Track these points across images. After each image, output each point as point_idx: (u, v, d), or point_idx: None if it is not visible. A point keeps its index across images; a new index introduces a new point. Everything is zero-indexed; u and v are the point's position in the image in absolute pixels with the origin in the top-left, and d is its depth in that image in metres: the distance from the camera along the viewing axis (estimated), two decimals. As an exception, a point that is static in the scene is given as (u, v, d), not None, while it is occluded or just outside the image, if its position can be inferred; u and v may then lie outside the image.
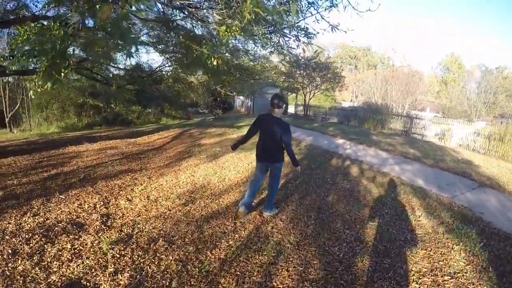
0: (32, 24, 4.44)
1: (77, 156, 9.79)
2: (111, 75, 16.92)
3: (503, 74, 50.76)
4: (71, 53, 5.50)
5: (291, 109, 35.06)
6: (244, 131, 14.63)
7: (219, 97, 28.00)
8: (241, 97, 36.67)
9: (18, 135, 18.14)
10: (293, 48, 7.33)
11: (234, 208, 5.42)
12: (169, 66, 13.56)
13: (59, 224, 4.71)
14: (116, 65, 16.16)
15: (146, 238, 4.38)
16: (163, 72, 15.19)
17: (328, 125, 20.51)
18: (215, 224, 4.87)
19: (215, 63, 5.28)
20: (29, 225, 4.67)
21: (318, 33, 6.73)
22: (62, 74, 4.36)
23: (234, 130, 15.93)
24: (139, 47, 15.12)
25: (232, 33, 4.75)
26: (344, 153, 10.39)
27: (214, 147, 11.30)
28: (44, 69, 4.22)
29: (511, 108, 42.91)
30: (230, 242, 4.33)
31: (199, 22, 7.24)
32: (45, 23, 5.36)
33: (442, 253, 4.27)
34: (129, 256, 3.91)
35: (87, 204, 5.56)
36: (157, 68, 14.73)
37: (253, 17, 4.14)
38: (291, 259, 3.97)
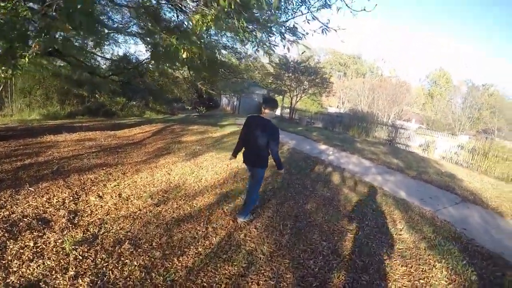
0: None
1: (54, 146, 9.41)
2: (97, 64, 16.63)
3: (489, 91, 51.70)
4: (34, 36, 5.12)
5: (277, 112, 34.77)
6: (227, 130, 14.78)
7: (205, 95, 27.49)
8: (227, 96, 36.46)
9: (-1, 120, 17.54)
10: (276, 45, 6.97)
11: (207, 212, 5.18)
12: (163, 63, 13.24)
13: (25, 219, 4.41)
14: (101, 55, 15.85)
15: (112, 240, 4.11)
16: (150, 65, 14.74)
17: (312, 129, 20.35)
18: (185, 228, 4.61)
19: (184, 55, 4.95)
20: (-7, 219, 4.39)
21: (307, 33, 6.48)
22: (23, 60, 3.98)
23: (216, 128, 15.56)
24: (127, 37, 14.91)
25: (207, 23, 4.42)
26: (327, 160, 10.16)
27: (194, 145, 11.01)
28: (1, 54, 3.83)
29: (494, 124, 43.91)
30: (200, 249, 4.07)
31: (180, 12, 6.91)
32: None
33: (424, 270, 4.06)
34: (92, 259, 3.64)
35: (56, 199, 5.22)
36: (144, 60, 14.35)
37: (229, 4, 3.82)
38: (262, 271, 3.71)
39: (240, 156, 5.08)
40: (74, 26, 4.42)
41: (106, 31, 12.57)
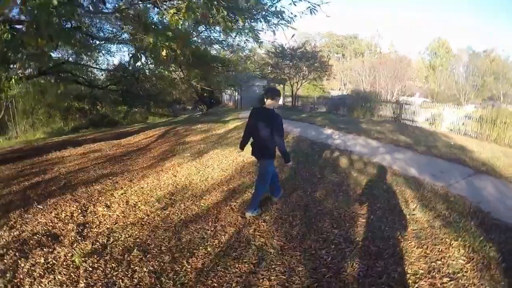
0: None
1: (60, 162, 9.43)
2: (94, 76, 16.61)
3: (490, 57, 50.84)
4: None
5: (279, 101, 34.50)
6: (230, 125, 14.68)
7: (205, 93, 27.42)
8: (229, 91, 36.31)
9: (4, 143, 17.89)
10: (260, 31, 6.73)
11: (215, 210, 5.10)
12: (150, 63, 13.06)
13: (34, 237, 4.42)
14: (97, 66, 15.82)
15: (121, 248, 4.06)
16: (146, 70, 14.66)
17: (316, 115, 20.11)
18: (194, 229, 4.52)
19: (164, 53, 4.82)
20: (4, 239, 4.40)
21: (295, 16, 6.30)
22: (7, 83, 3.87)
23: (220, 125, 15.42)
24: (120, 46, 14.81)
25: (183, 16, 4.27)
26: (333, 144, 10.00)
27: (199, 144, 10.92)
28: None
29: (499, 91, 43.00)
30: (209, 249, 3.98)
31: (154, 7, 6.72)
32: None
33: (440, 250, 3.90)
34: (101, 269, 3.60)
35: (64, 213, 5.23)
36: (140, 66, 14.22)
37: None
38: (273, 266, 3.60)
39: (247, 149, 5.08)
40: (47, 40, 4.26)
41: (98, 42, 12.53)
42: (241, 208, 5.15)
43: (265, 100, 4.67)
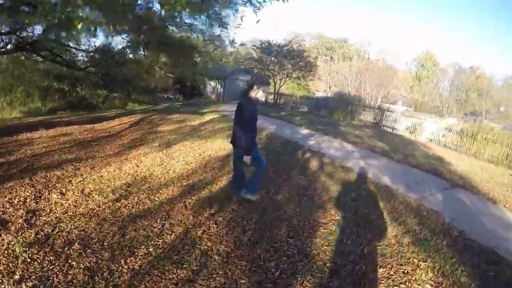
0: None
1: (28, 143, 9.03)
2: (74, 57, 15.85)
3: (476, 74, 52.13)
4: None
5: (267, 90, 34.44)
6: (206, 118, 14.32)
7: (187, 83, 26.86)
8: (212, 83, 36.01)
9: (-22, 120, 17.16)
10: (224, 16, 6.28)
11: (168, 206, 4.77)
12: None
13: None
14: (77, 46, 15.08)
15: (63, 240, 3.75)
16: (128, 55, 13.99)
17: (296, 114, 19.75)
18: (141, 225, 4.17)
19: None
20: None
21: (265, 1, 5.84)
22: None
23: (196, 116, 15.27)
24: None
25: None
26: (306, 145, 9.55)
27: (170, 134, 10.64)
28: None
29: (482, 107, 43.93)
30: (151, 249, 3.62)
31: None
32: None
33: (405, 272, 3.45)
34: (39, 262, 3.32)
35: (18, 199, 4.88)
36: (122, 49, 13.53)
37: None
38: (214, 276, 3.18)
39: (211, 143, 4.71)
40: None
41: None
42: (195, 206, 4.76)
43: (253, 87, 4.57)
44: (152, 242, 3.75)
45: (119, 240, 3.79)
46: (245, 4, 5.99)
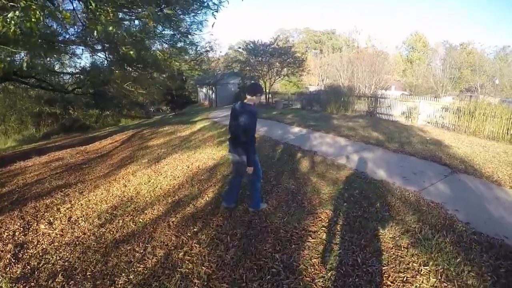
0: None
1: (21, 172, 9.14)
2: (58, 80, 15.53)
3: (467, 50, 52.16)
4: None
5: (261, 98, 34.28)
6: (197, 126, 13.99)
7: (179, 93, 26.49)
8: (204, 90, 35.82)
9: (-27, 153, 17.06)
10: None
11: (151, 227, 4.58)
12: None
13: None
14: (62, 70, 14.76)
15: (47, 273, 3.69)
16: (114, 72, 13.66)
17: (288, 112, 19.28)
18: (124, 250, 4.03)
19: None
20: None
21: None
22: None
23: (187, 126, 15.22)
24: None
25: None
26: (297, 144, 9.11)
27: (160, 148, 10.51)
28: None
29: (476, 82, 43.85)
30: (131, 277, 3.47)
31: None
32: None
33: (405, 280, 3.09)
34: None
35: (7, 232, 4.88)
36: (106, 67, 13.18)
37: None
38: None
39: (200, 154, 4.44)
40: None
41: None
42: (179, 225, 4.54)
43: (246, 95, 4.42)
44: (133, 269, 3.59)
45: (101, 268, 3.67)
46: (201, 9, 5.63)
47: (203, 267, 3.44)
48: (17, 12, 4.07)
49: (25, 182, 7.87)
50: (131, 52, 6.64)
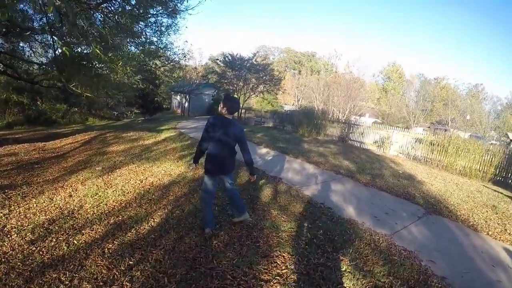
0: None
1: None
2: (26, 69, 14.69)
3: (440, 85, 53.98)
4: None
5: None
6: (162, 136, 13.40)
7: (150, 98, 25.71)
8: (178, 97, 35.26)
9: None
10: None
11: (84, 253, 3.95)
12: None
13: None
14: (31, 59, 13.95)
15: None
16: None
17: (259, 130, 18.75)
18: (48, 278, 3.41)
19: None
20: None
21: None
22: None
23: (152, 134, 14.54)
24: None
25: None
26: (262, 168, 8.50)
27: (118, 155, 9.91)
28: None
29: (447, 116, 45.40)
30: None
31: None
32: None
33: None
34: None
35: None
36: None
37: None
38: None
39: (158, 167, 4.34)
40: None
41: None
42: (114, 254, 3.89)
43: (221, 109, 4.24)
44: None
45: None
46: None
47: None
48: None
49: (-31, 177, 7.24)
50: (65, 48, 5.99)
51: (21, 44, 12.67)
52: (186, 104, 32.61)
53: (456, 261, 4.25)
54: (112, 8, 7.18)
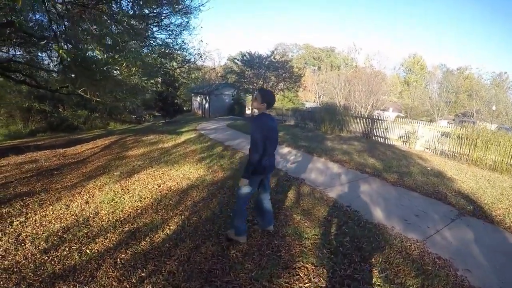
0: None
1: None
2: (45, 78, 14.87)
3: (464, 75, 52.34)
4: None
5: (247, 111, 33.82)
6: (182, 138, 13.26)
7: (170, 101, 25.78)
8: (198, 99, 35.33)
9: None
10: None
11: (96, 263, 3.79)
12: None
13: None
14: (44, 67, 14.08)
15: None
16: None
17: (280, 129, 18.21)
18: None
19: None
20: None
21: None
22: None
23: (172, 137, 14.54)
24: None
25: None
26: (284, 168, 8.22)
27: (137, 160, 9.81)
28: None
29: (472, 107, 43.87)
30: None
31: None
32: None
33: None
34: None
35: None
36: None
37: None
38: None
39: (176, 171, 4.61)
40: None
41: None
42: (126, 265, 3.72)
43: (259, 104, 3.84)
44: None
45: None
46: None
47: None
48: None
49: (-9, 185, 7.29)
50: (61, 51, 5.92)
51: (38, 54, 12.75)
52: (207, 105, 32.60)
53: (494, 269, 3.85)
54: (114, 8, 7.03)
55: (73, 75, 7.43)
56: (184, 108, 36.69)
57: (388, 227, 4.81)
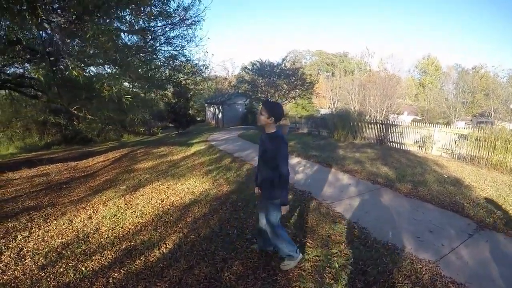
0: None
1: (3, 186, 9.00)
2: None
3: (479, 74, 51.64)
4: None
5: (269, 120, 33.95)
6: (192, 150, 13.15)
7: (182, 112, 25.82)
8: (211, 109, 35.44)
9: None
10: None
11: (89, 282, 3.74)
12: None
13: None
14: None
15: None
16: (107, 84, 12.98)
17: (292, 137, 18.14)
18: None
19: None
20: None
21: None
22: None
23: (182, 148, 14.69)
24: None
25: None
26: (291, 181, 7.79)
27: (144, 173, 9.92)
28: None
29: (490, 107, 42.80)
30: None
31: None
32: None
33: None
34: None
35: None
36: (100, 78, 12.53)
37: None
38: None
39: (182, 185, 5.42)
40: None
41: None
42: (118, 285, 3.65)
43: (266, 118, 3.52)
44: None
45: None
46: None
47: None
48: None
49: (1, 198, 7.68)
50: (38, 74, 6.08)
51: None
52: (220, 115, 32.67)
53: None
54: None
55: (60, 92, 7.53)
56: (198, 119, 36.87)
57: (398, 247, 4.40)
